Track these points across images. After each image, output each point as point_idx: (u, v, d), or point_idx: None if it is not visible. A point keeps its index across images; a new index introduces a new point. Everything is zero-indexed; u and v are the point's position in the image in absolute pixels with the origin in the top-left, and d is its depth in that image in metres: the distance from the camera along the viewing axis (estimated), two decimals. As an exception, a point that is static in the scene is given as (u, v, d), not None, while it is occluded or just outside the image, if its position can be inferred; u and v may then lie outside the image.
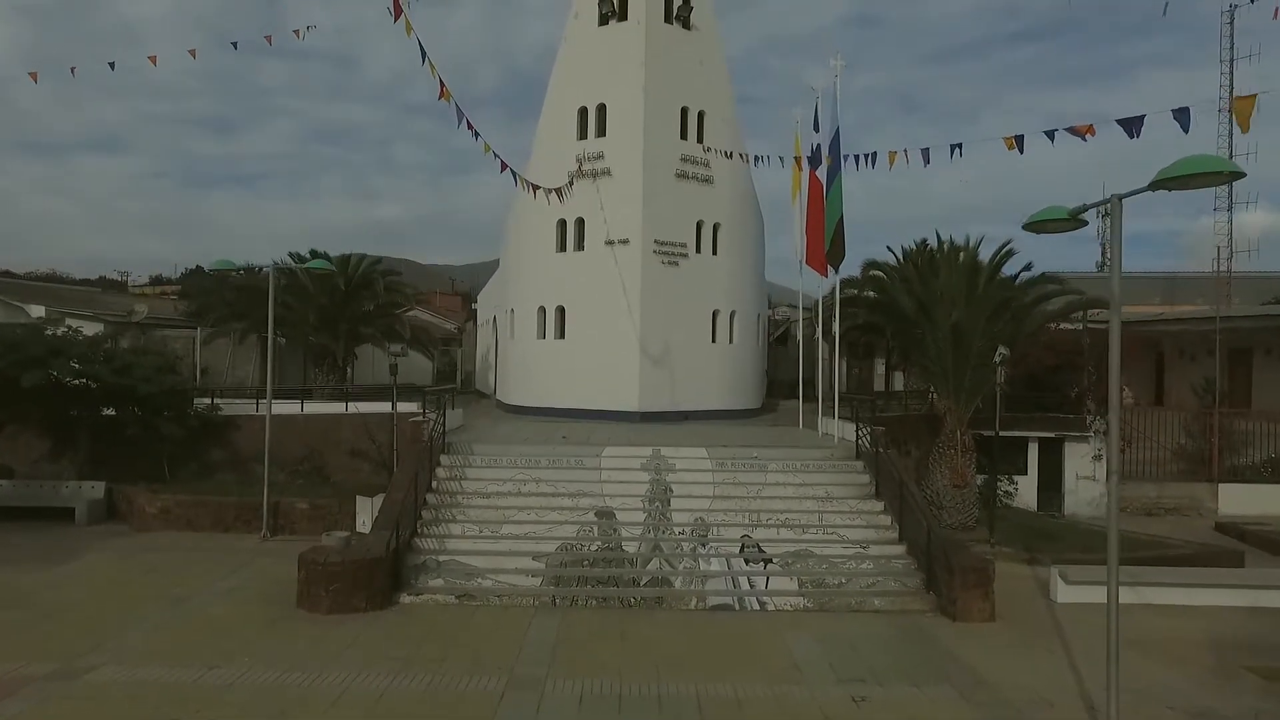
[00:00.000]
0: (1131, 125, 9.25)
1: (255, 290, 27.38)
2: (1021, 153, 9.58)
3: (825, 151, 18.72)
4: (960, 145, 11.40)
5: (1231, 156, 57.48)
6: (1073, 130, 9.82)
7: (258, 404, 20.54)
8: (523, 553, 14.08)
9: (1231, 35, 55.43)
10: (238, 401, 22.18)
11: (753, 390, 26.21)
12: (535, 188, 18.29)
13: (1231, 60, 55.16)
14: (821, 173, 19.13)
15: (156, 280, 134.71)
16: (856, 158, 14.13)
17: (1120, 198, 8.80)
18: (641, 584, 13.62)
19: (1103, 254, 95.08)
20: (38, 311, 27.99)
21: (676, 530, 14.81)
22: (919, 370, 20.52)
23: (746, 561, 14.07)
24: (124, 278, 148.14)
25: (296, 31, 19.05)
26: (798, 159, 20.89)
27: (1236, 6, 53.54)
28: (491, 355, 31.81)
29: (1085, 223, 9.99)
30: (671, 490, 15.83)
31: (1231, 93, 55.85)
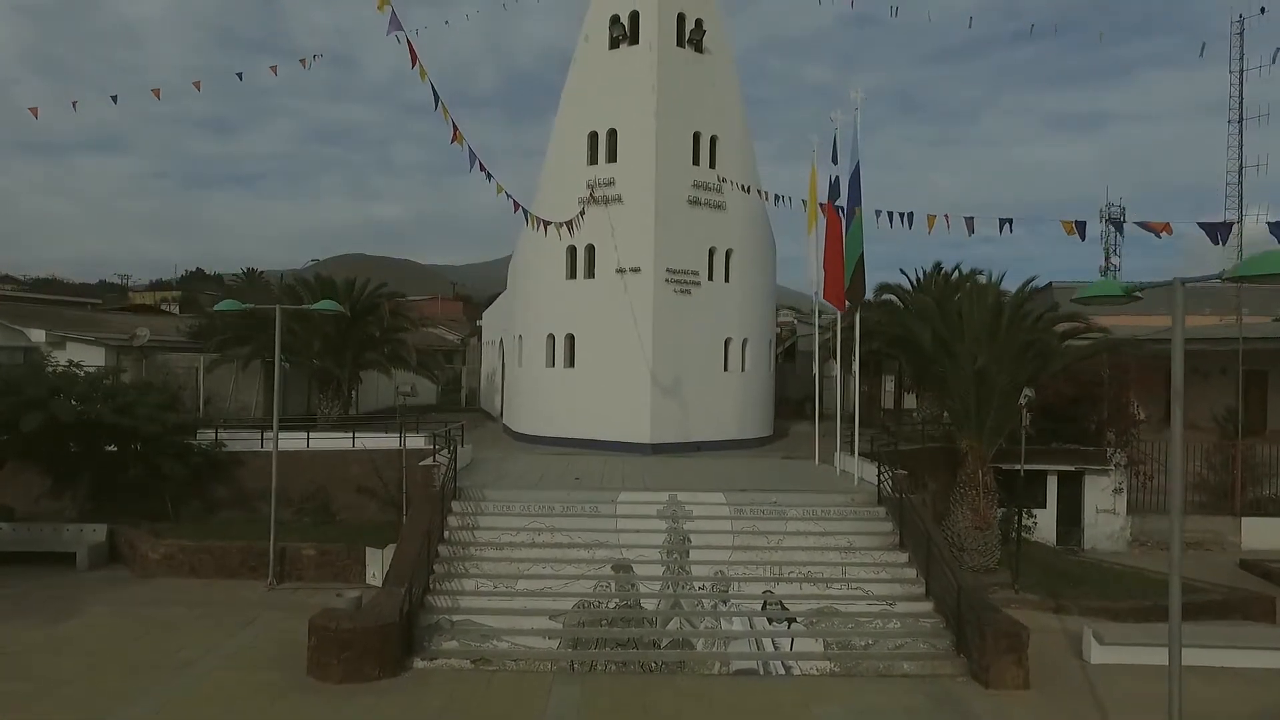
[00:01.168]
0: (1216, 230, 8.97)
1: (258, 316, 26.95)
2: (1083, 239, 9.13)
3: (845, 186, 18.27)
4: (1011, 220, 10.95)
5: (1242, 164, 56.83)
6: (1146, 226, 9.39)
7: (262, 439, 20.09)
8: (539, 611, 13.65)
9: (1241, 46, 54.86)
10: (242, 434, 21.71)
11: (764, 417, 25.78)
12: (546, 225, 17.86)
13: (1241, 71, 54.66)
14: (840, 206, 18.67)
15: (157, 284, 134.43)
16: (891, 214, 13.67)
17: (1183, 282, 8.41)
18: (662, 645, 13.18)
19: (1106, 259, 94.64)
20: (38, 335, 27.51)
21: (696, 585, 14.39)
22: (939, 406, 20.07)
23: (769, 621, 13.63)
24: (124, 281, 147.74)
25: (303, 60, 18.66)
26: (814, 188, 20.46)
27: (1245, 17, 52.98)
28: (498, 377, 31.38)
29: (1139, 298, 9.60)
30: (690, 540, 15.40)
31: (1241, 103, 55.30)
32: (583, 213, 21.65)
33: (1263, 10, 53.58)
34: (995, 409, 17.94)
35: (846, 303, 19.14)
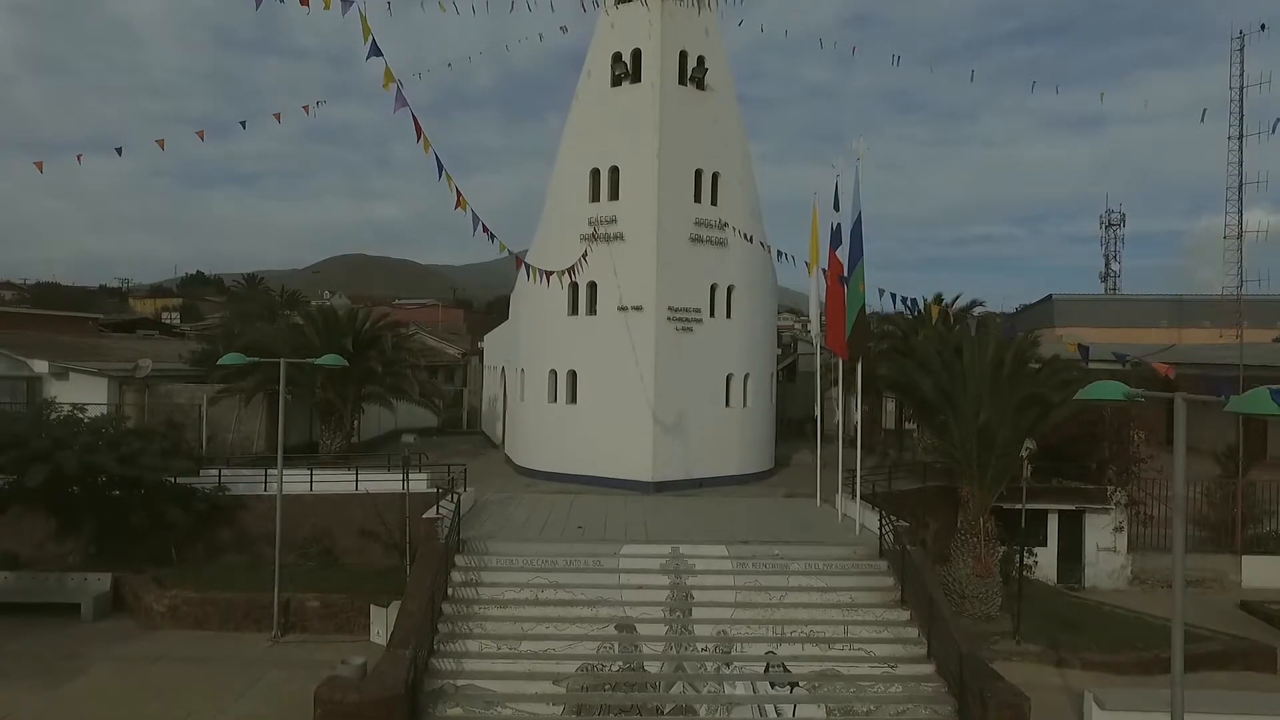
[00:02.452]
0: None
1: (261, 348, 26.99)
2: (1086, 364, 9.15)
3: (846, 234, 18.32)
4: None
5: (1242, 180, 56.96)
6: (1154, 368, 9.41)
7: (265, 481, 20.14)
8: (542, 675, 13.71)
9: (1241, 62, 54.93)
10: (245, 473, 21.80)
11: (766, 450, 25.83)
12: (548, 275, 17.91)
13: (1241, 87, 54.72)
14: (842, 253, 18.72)
15: (157, 290, 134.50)
16: (895, 295, 13.68)
17: (1185, 398, 8.44)
18: (665, 711, 13.25)
19: (1106, 265, 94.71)
20: (41, 366, 27.59)
21: (699, 647, 14.45)
22: (940, 449, 20.09)
23: (772, 685, 13.69)
24: (124, 285, 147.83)
25: (305, 107, 18.72)
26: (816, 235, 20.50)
27: (1246, 34, 53.06)
28: (499, 405, 31.42)
29: (1141, 400, 9.67)
30: (692, 596, 15.46)
31: (1242, 119, 55.33)
32: (585, 256, 21.70)
33: (1263, 27, 53.68)
34: (997, 458, 17.99)
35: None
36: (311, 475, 20.48)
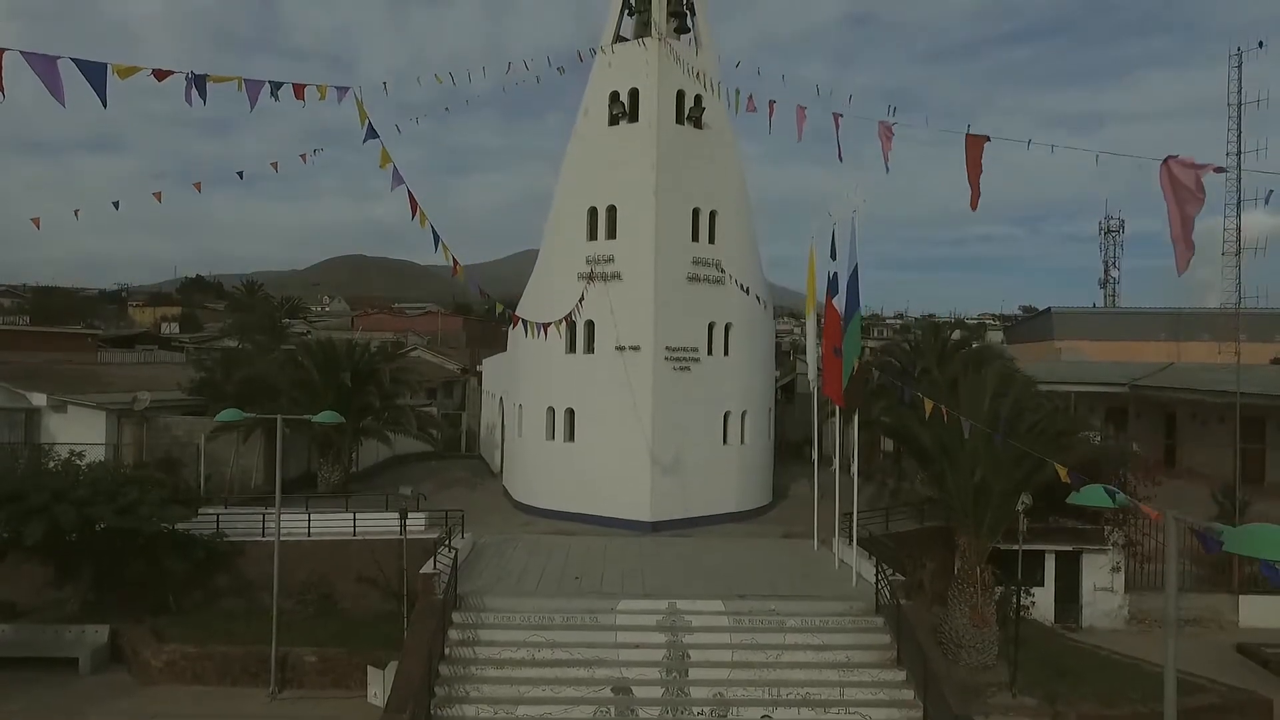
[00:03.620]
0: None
1: (261, 382, 27.04)
2: (1075, 498, 9.13)
3: (843, 284, 18.35)
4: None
5: (1240, 198, 56.85)
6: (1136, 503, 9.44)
7: (264, 526, 20.19)
8: (539, 742, 13.74)
9: (1239, 80, 55.01)
10: (242, 514, 21.86)
11: (763, 486, 25.86)
12: (545, 328, 17.94)
13: (1240, 105, 54.78)
14: (839, 302, 18.75)
15: (156, 298, 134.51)
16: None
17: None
18: (661, 780, 13.28)
19: (1105, 271, 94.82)
20: (39, 399, 27.63)
21: (696, 711, 14.48)
22: (938, 503, 20.14)
23: (768, 753, 13.72)
24: (123, 291, 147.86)
25: (303, 156, 18.75)
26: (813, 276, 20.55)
27: (1244, 51, 53.12)
28: (497, 432, 31.42)
29: (1136, 503, 9.69)
30: (689, 656, 15.50)
31: (1240, 136, 55.41)
32: (581, 301, 21.74)
33: (1261, 44, 53.77)
34: (993, 509, 18.04)
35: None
36: (309, 519, 20.51)
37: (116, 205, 13.22)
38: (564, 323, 19.86)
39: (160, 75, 8.32)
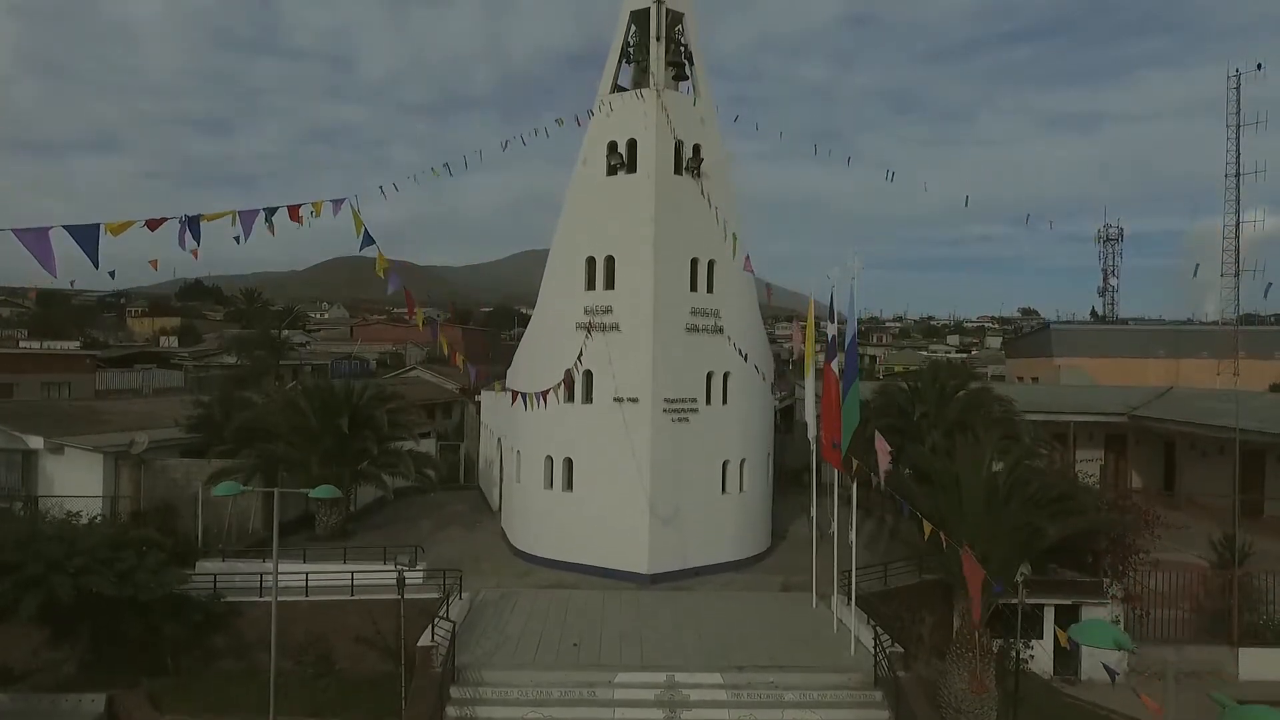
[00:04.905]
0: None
1: (260, 429, 26.99)
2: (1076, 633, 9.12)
3: (844, 347, 18.31)
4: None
5: (1239, 217, 56.94)
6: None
7: (261, 587, 20.13)
8: (536, 832, 13.72)
9: (1238, 101, 54.94)
10: (240, 567, 21.87)
11: (762, 531, 25.82)
12: (544, 395, 17.88)
13: (1238, 126, 54.68)
14: (837, 365, 18.71)
15: (155, 305, 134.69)
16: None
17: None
18: None
19: (1104, 279, 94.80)
20: (36, 442, 27.64)
21: (693, 798, 14.45)
22: (937, 566, 20.06)
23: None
24: (122, 301, 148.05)
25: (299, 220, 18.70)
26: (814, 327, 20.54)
27: (1242, 73, 53.05)
28: (495, 469, 31.33)
29: (1134, 651, 9.64)
30: (687, 735, 15.47)
31: (1239, 157, 55.33)
32: (581, 357, 21.69)
33: (1260, 66, 53.66)
34: (992, 575, 17.96)
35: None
36: (307, 580, 20.44)
37: (153, 228, 13.11)
38: (562, 385, 19.77)
39: (153, 225, 8.26)
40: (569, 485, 23.99)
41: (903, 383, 28.97)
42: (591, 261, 23.69)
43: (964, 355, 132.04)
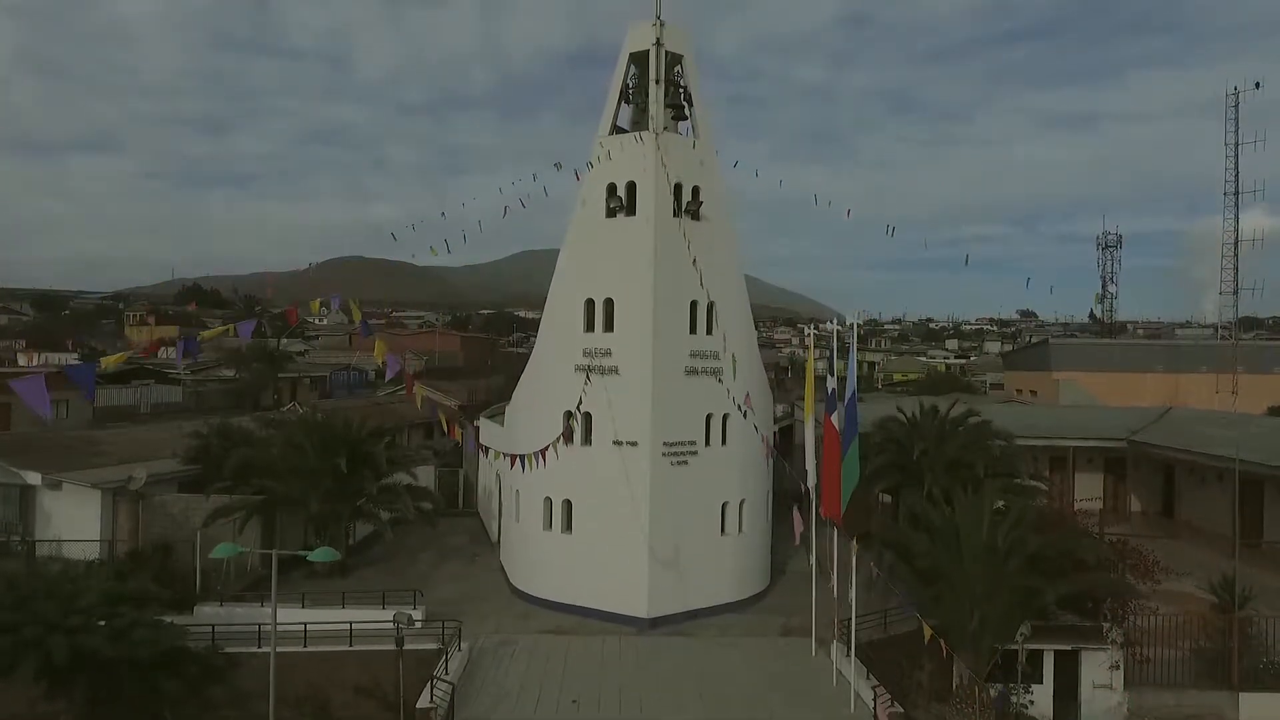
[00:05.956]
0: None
1: (260, 462, 26.90)
2: None
3: (844, 402, 18.29)
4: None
5: (1238, 239, 56.89)
6: None
7: (259, 639, 20.07)
8: None
9: (1236, 120, 54.90)
10: (239, 613, 21.85)
11: (761, 570, 25.79)
12: (543, 454, 17.85)
13: (1236, 145, 54.60)
14: (837, 419, 18.68)
15: (154, 310, 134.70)
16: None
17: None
18: None
19: (1103, 286, 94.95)
20: (34, 478, 27.61)
21: None
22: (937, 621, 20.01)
23: None
24: (119, 304, 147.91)
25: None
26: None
27: (1241, 91, 53.05)
28: (495, 501, 31.26)
29: None
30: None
31: (1238, 176, 55.28)
32: (580, 404, 21.65)
33: (1258, 85, 53.66)
34: (991, 633, 17.99)
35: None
36: (305, 631, 20.38)
37: (147, 355, 13.08)
38: (552, 450, 19.81)
39: (148, 351, 8.22)
40: (568, 527, 23.96)
41: (901, 415, 28.92)
42: (591, 303, 23.65)
43: (963, 361, 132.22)
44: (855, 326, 17.61)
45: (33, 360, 70.14)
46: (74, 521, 26.87)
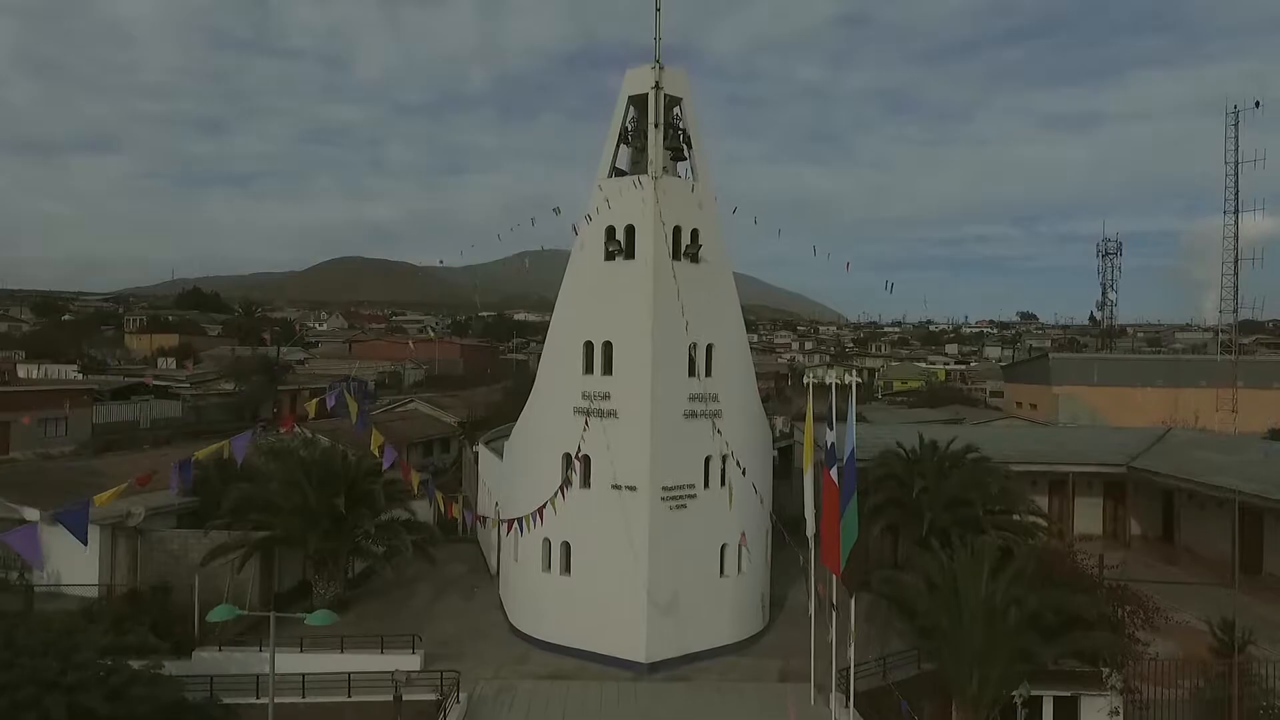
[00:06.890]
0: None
1: (259, 499, 26.85)
2: None
3: (843, 461, 18.24)
4: None
5: (1238, 255, 56.82)
6: None
7: (258, 690, 20.05)
8: None
9: (1236, 139, 54.74)
10: (237, 657, 21.87)
11: (760, 609, 25.76)
12: (541, 513, 17.84)
13: (1237, 163, 54.49)
14: (835, 473, 18.64)
15: (153, 317, 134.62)
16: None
17: None
18: None
19: (1103, 294, 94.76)
20: (33, 514, 27.54)
21: None
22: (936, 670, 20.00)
23: None
24: (119, 310, 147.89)
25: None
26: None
27: (1240, 110, 52.87)
28: (494, 535, 31.21)
29: None
30: None
31: (1237, 194, 55.11)
32: (579, 451, 21.63)
33: (1258, 104, 53.45)
34: (992, 687, 17.97)
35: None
36: (304, 681, 20.37)
37: (142, 484, 13.03)
38: (550, 507, 19.81)
39: (143, 481, 8.19)
40: (567, 569, 23.94)
41: (900, 450, 28.90)
42: (589, 345, 23.60)
43: (963, 367, 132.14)
44: (853, 387, 17.55)
45: (33, 372, 70.12)
46: (73, 558, 26.82)
